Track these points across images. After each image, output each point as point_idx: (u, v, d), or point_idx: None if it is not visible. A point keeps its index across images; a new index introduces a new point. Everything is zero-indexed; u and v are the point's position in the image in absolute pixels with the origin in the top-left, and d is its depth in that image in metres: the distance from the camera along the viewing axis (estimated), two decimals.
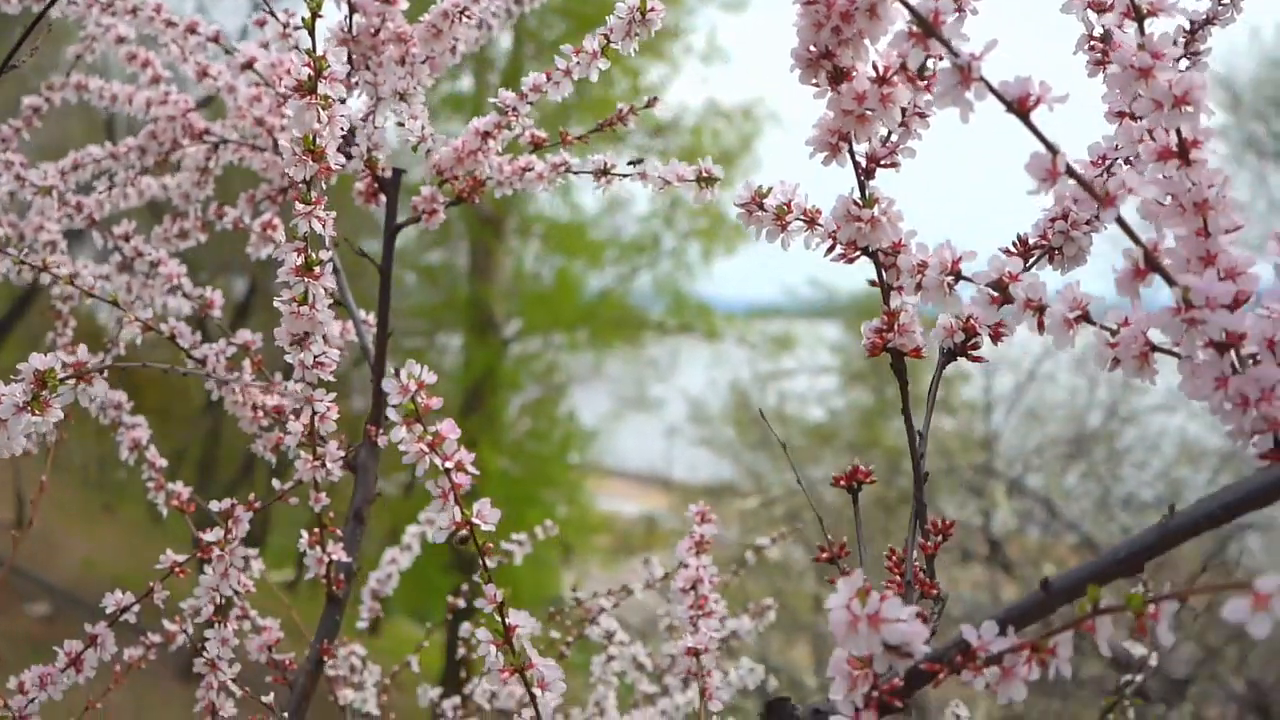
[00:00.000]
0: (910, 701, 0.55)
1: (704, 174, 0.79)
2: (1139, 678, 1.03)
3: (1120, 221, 0.49)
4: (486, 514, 0.61)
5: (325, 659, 0.94)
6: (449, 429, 0.60)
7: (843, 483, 0.65)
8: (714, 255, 11.68)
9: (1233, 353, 0.50)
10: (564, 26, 10.51)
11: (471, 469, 0.60)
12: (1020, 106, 0.49)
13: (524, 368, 11.75)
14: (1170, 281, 0.49)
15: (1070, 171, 0.48)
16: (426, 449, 0.59)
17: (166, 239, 1.16)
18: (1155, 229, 0.54)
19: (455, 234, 11.67)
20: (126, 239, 1.07)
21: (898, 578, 0.61)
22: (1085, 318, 0.54)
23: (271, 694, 0.92)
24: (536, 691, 0.61)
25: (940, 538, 0.61)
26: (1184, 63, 0.69)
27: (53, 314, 1.23)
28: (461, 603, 1.47)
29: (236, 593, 0.93)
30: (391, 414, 0.58)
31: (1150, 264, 0.49)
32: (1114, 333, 0.53)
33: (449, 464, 0.59)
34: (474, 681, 1.32)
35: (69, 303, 1.24)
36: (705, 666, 0.88)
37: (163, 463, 1.05)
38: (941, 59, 0.52)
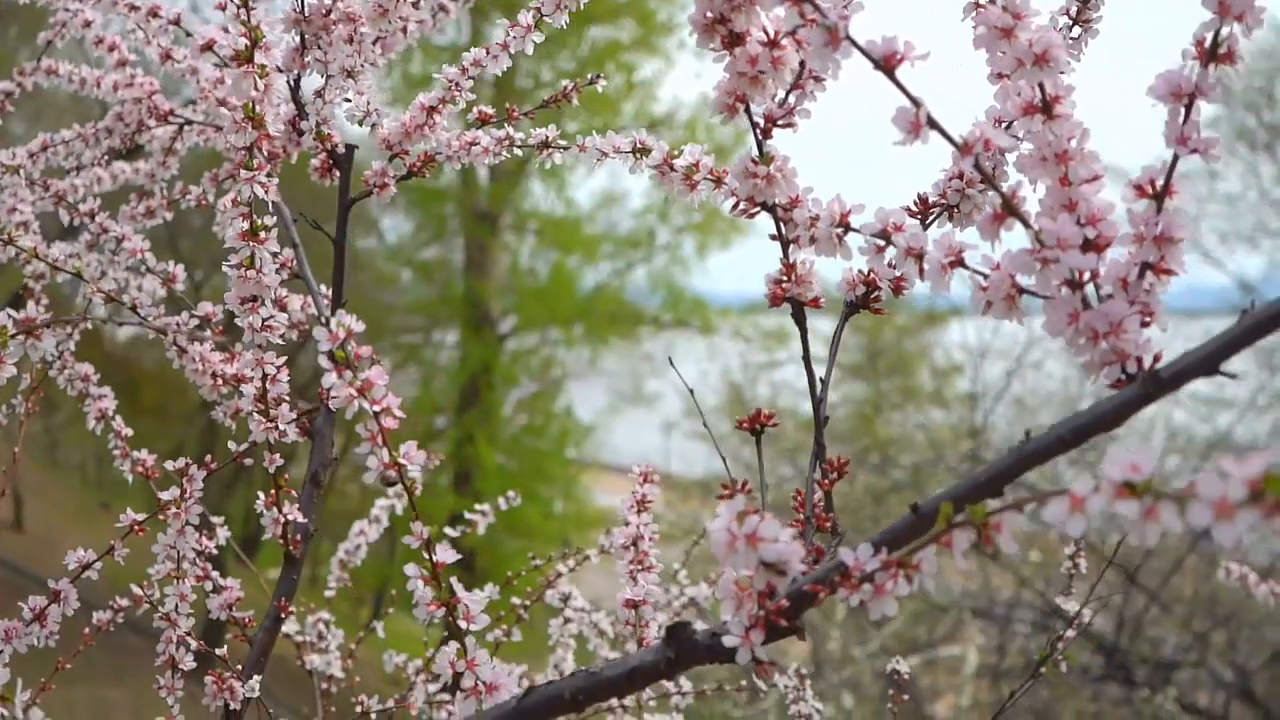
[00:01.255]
0: (803, 624, 0.59)
1: (639, 145, 0.83)
2: (1070, 633, 1.07)
3: (979, 169, 0.53)
4: (413, 455, 0.64)
5: (283, 616, 0.98)
6: (377, 375, 0.63)
7: (745, 426, 0.69)
8: (709, 250, 11.72)
9: (1089, 290, 0.54)
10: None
11: (399, 413, 0.64)
12: (887, 64, 0.53)
13: (520, 363, 11.79)
14: (1026, 225, 0.53)
15: (931, 123, 0.52)
16: (356, 393, 0.63)
17: (133, 218, 1.19)
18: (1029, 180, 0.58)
19: (450, 230, 11.71)
20: (92, 216, 1.11)
21: (800, 516, 0.65)
22: (960, 263, 0.58)
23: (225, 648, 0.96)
24: (463, 623, 0.65)
25: (836, 475, 0.65)
26: (1076, 29, 0.72)
27: (26, 292, 1.27)
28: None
29: (198, 552, 0.98)
30: (322, 361, 0.62)
31: (1008, 209, 0.53)
32: (986, 277, 0.57)
33: (378, 408, 0.63)
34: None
35: (41, 281, 1.28)
36: (643, 617, 0.92)
37: (128, 431, 1.09)
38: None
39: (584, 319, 11.83)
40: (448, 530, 1.44)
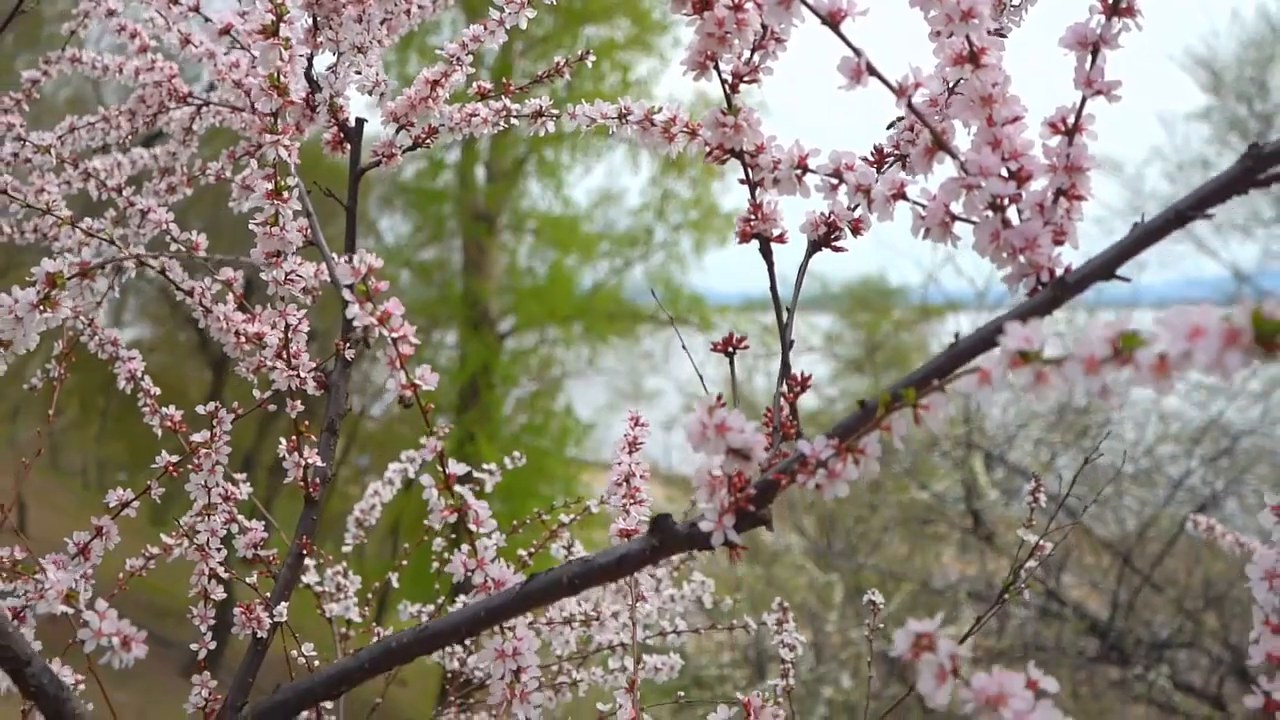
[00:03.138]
0: (769, 515, 0.67)
1: (624, 111, 0.91)
2: (1032, 563, 1.15)
3: (912, 109, 0.62)
4: (428, 377, 0.73)
5: (304, 553, 1.06)
6: (394, 306, 0.72)
7: (719, 349, 0.78)
8: (706, 247, 11.81)
9: (1010, 213, 0.62)
10: (552, 22, 10.64)
11: (414, 339, 0.72)
12: (832, 19, 0.61)
13: (519, 363, 11.86)
14: (954, 156, 0.61)
15: (870, 70, 0.61)
16: (377, 322, 0.71)
17: (156, 193, 1.28)
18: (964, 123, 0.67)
19: (448, 231, 11.79)
20: (119, 191, 1.19)
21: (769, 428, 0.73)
22: (901, 195, 0.66)
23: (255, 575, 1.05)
24: (473, 527, 0.74)
25: (800, 388, 0.73)
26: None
27: None
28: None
29: (224, 497, 1.06)
30: (345, 294, 0.70)
31: (938, 143, 0.62)
32: (924, 208, 0.66)
33: (395, 335, 0.71)
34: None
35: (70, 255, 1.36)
36: None
37: (156, 391, 1.17)
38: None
39: (582, 318, 11.92)
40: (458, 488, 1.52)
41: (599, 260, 12.16)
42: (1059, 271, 0.60)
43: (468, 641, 1.75)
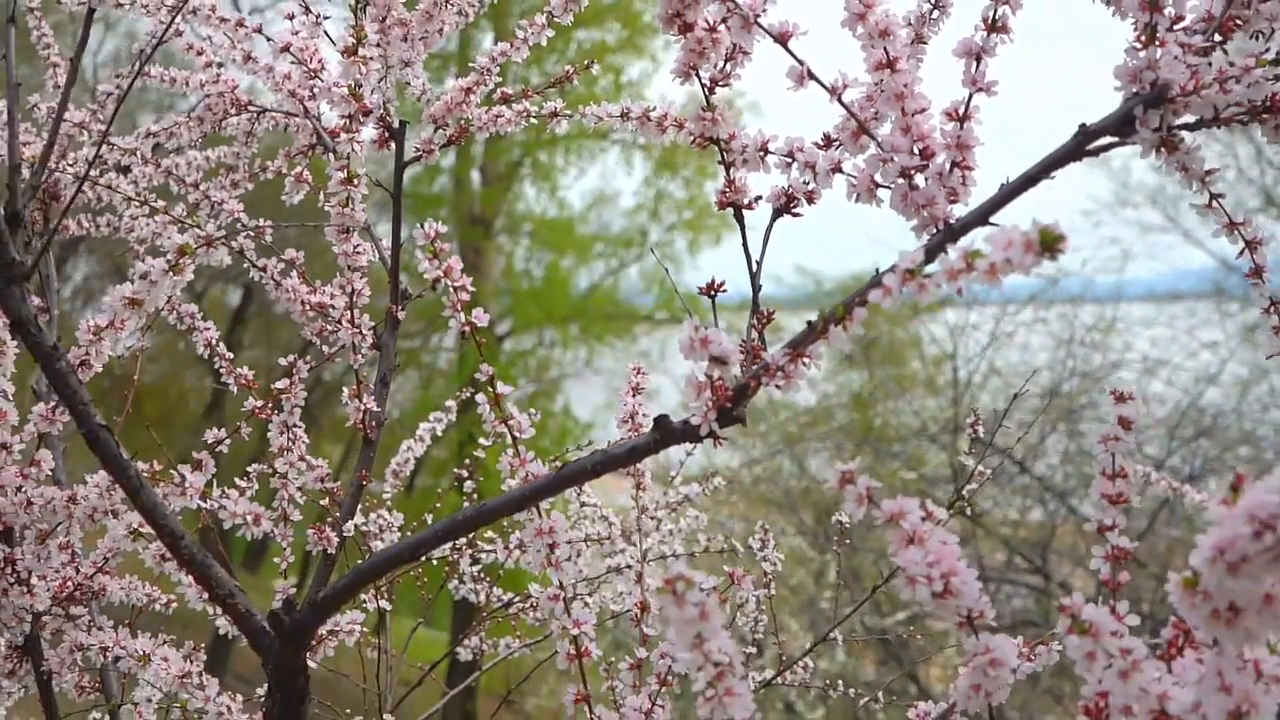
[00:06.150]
0: (745, 414, 0.88)
1: (625, 110, 1.12)
2: (973, 486, 1.36)
3: (842, 104, 0.83)
4: (480, 316, 0.94)
5: (365, 483, 1.28)
6: (455, 263, 0.93)
7: (704, 291, 0.99)
8: (700, 247, 12.01)
9: (917, 180, 0.84)
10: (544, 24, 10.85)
11: (470, 288, 0.94)
12: (782, 39, 0.83)
13: (517, 364, 12.05)
14: (873, 138, 0.83)
15: (810, 75, 0.82)
16: (442, 275, 0.92)
17: (222, 188, 1.49)
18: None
19: (445, 235, 11.99)
20: (196, 185, 1.40)
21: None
22: (839, 169, 0.88)
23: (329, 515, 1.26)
24: (516, 433, 0.95)
25: (766, 320, 0.95)
26: (935, 12, 1.02)
27: (132, 253, 1.57)
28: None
29: (292, 441, 1.27)
30: (419, 252, 0.92)
31: (861, 129, 0.83)
32: (855, 178, 0.87)
33: (457, 284, 0.93)
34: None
35: (143, 245, 1.57)
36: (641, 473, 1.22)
37: (229, 355, 1.39)
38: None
39: (579, 319, 12.12)
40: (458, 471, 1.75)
41: (594, 261, 12.38)
42: (952, 222, 0.82)
43: (486, 583, 1.96)
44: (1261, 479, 0.56)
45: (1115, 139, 0.78)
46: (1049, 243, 0.60)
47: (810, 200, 0.97)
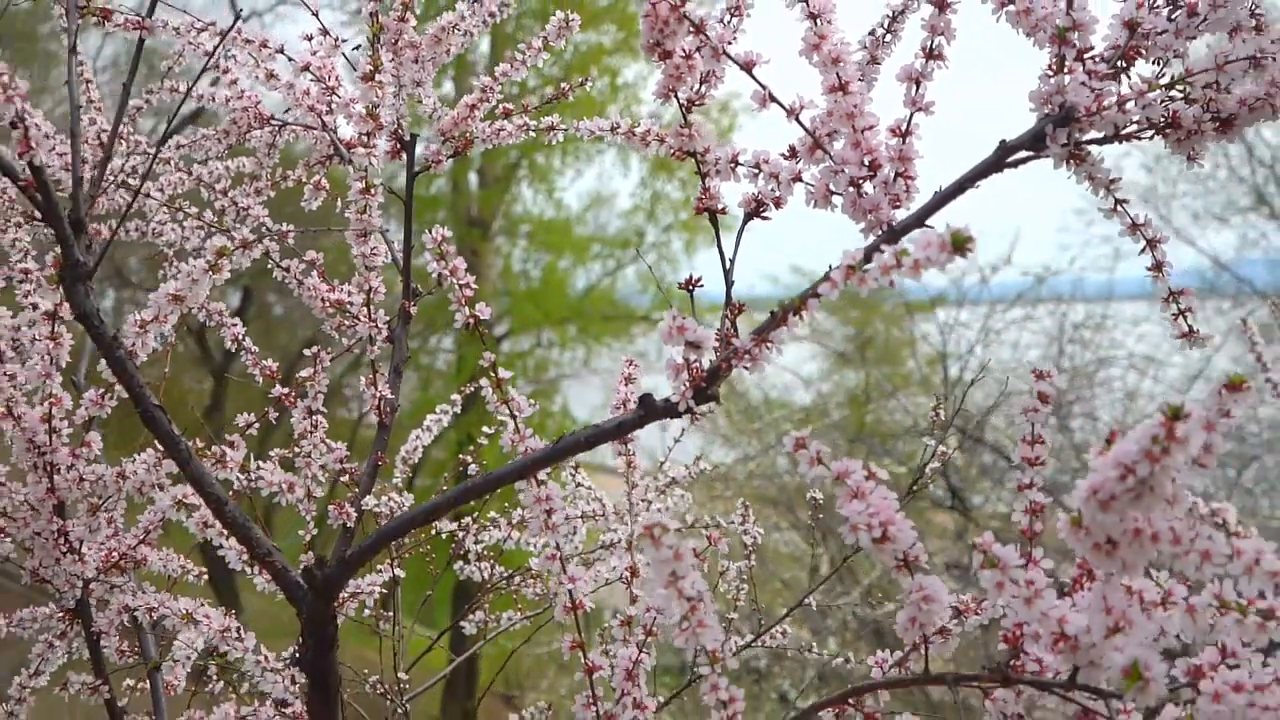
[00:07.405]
0: (718, 393, 1.01)
1: (614, 125, 1.25)
2: (936, 465, 1.49)
3: (799, 123, 0.96)
4: (483, 310, 1.07)
5: (380, 464, 1.40)
6: (460, 263, 1.06)
7: (684, 286, 1.12)
8: (696, 247, 12.13)
9: (866, 188, 0.97)
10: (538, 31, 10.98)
11: (473, 285, 1.06)
12: (747, 66, 0.95)
13: (515, 365, 12.17)
14: (826, 152, 0.96)
15: (772, 98, 0.95)
16: (449, 273, 1.05)
17: (246, 194, 1.62)
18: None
19: (447, 239, 12.11)
20: (224, 192, 1.53)
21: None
22: (799, 179, 1.00)
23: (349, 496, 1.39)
24: (515, 411, 1.08)
25: (739, 310, 1.08)
26: (888, 36, 1.15)
27: (160, 257, 1.69)
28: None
29: (314, 426, 1.40)
30: (428, 253, 1.05)
31: (816, 144, 0.96)
32: (813, 187, 1.00)
33: (461, 281, 1.05)
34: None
35: (171, 248, 1.70)
36: (632, 453, 1.35)
37: (255, 348, 1.51)
38: None
39: (577, 319, 12.23)
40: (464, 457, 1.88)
41: (592, 262, 12.49)
42: (893, 224, 0.95)
43: (489, 563, 2.09)
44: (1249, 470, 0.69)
45: (1030, 153, 0.91)
46: (959, 243, 0.73)
47: (778, 205, 1.10)
